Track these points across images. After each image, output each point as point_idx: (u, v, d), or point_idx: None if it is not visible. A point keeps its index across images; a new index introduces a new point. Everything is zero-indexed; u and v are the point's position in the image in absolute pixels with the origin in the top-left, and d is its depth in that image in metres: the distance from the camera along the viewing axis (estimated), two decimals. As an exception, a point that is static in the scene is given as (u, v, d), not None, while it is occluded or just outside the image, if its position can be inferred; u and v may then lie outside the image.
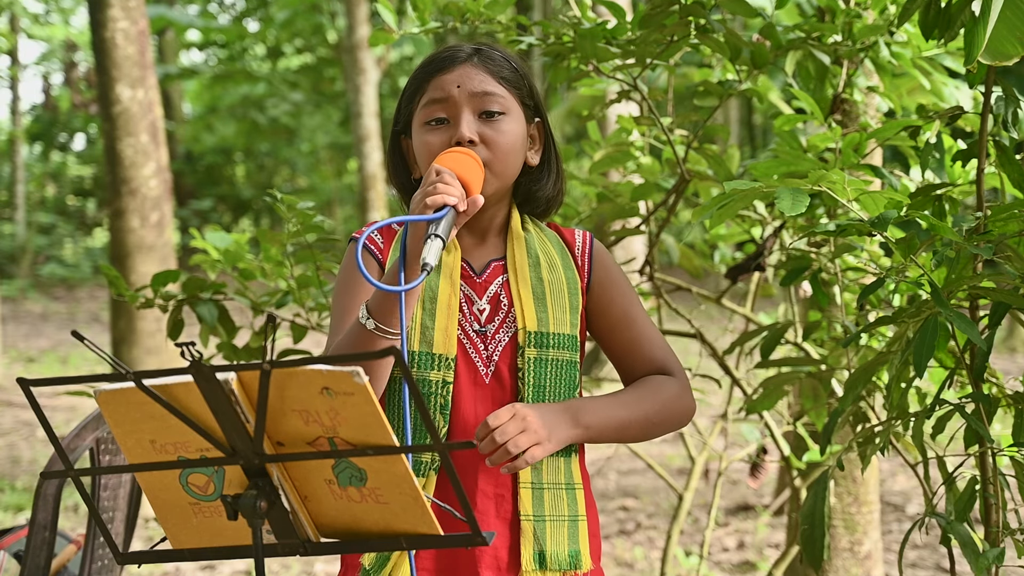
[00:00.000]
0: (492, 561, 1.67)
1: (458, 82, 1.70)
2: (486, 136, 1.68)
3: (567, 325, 1.72)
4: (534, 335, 1.70)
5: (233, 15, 22.66)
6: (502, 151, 1.69)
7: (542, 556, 1.67)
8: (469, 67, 1.72)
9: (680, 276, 11.70)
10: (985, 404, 1.97)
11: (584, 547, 1.71)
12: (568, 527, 1.70)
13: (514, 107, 1.72)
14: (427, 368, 1.68)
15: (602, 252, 1.82)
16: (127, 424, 1.31)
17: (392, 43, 3.02)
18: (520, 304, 1.71)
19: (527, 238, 1.76)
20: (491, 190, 1.69)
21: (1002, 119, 2.01)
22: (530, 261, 1.74)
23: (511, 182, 1.75)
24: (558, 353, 1.71)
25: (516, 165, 1.73)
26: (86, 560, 2.34)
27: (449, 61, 1.72)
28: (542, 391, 1.70)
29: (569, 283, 1.75)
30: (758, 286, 3.39)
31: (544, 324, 1.71)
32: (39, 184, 22.91)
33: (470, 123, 1.68)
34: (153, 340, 6.18)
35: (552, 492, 1.70)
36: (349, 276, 1.73)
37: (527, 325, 1.70)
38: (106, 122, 6.21)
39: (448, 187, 1.55)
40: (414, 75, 1.76)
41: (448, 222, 1.54)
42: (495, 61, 1.74)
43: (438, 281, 1.71)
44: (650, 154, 3.02)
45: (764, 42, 2.49)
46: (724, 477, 4.77)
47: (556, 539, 1.68)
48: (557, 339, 1.71)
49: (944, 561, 4.58)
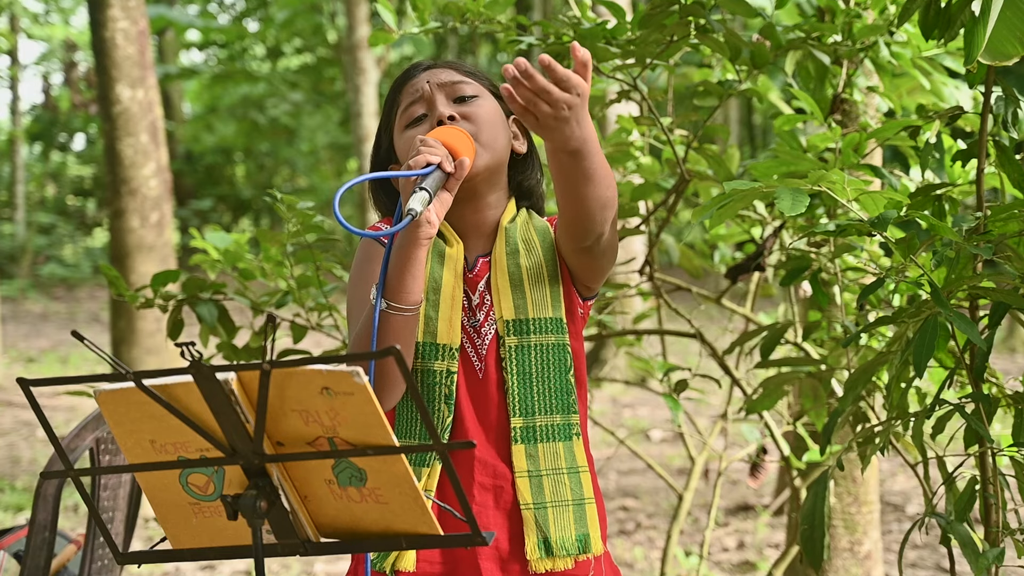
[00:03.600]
0: (493, 552, 1.68)
1: (427, 79, 1.77)
2: (464, 112, 1.73)
3: (549, 308, 1.73)
4: (512, 323, 1.71)
5: (233, 15, 22.66)
6: (484, 121, 1.72)
7: (547, 543, 1.67)
8: (434, 69, 1.80)
9: (680, 276, 11.70)
10: (985, 404, 1.97)
11: (594, 530, 1.71)
12: (574, 511, 1.70)
13: (485, 93, 1.78)
14: (431, 358, 1.69)
15: None
16: (127, 424, 1.31)
17: (392, 43, 3.02)
18: (498, 295, 1.73)
19: (509, 229, 1.76)
20: (482, 163, 1.70)
21: (1002, 119, 2.01)
22: (508, 250, 1.74)
23: (501, 159, 1.76)
24: (541, 338, 1.72)
25: (502, 140, 1.75)
26: (86, 560, 2.34)
27: (414, 69, 1.82)
28: (527, 378, 1.70)
29: (548, 263, 1.75)
30: (758, 286, 3.39)
31: (522, 311, 1.71)
32: (39, 184, 22.91)
33: (446, 104, 1.73)
34: (153, 340, 6.18)
35: (552, 478, 1.69)
36: (362, 268, 1.74)
37: (504, 315, 1.71)
38: (106, 122, 6.21)
39: (431, 148, 1.58)
40: (387, 99, 1.83)
41: (434, 180, 1.56)
42: (456, 63, 1.82)
43: (442, 272, 1.72)
44: (650, 154, 3.02)
45: (764, 42, 2.49)
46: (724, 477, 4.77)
47: (561, 524, 1.68)
48: (538, 324, 1.72)
49: (944, 561, 4.58)
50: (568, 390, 1.73)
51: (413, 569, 1.67)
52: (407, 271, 1.59)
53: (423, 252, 1.59)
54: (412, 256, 1.59)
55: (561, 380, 1.72)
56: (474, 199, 1.75)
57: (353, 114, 12.88)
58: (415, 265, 1.59)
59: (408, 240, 1.59)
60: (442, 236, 1.76)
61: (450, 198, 1.61)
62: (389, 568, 1.67)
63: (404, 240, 1.59)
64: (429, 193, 1.54)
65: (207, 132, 21.53)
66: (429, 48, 18.43)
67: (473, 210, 1.76)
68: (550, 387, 1.72)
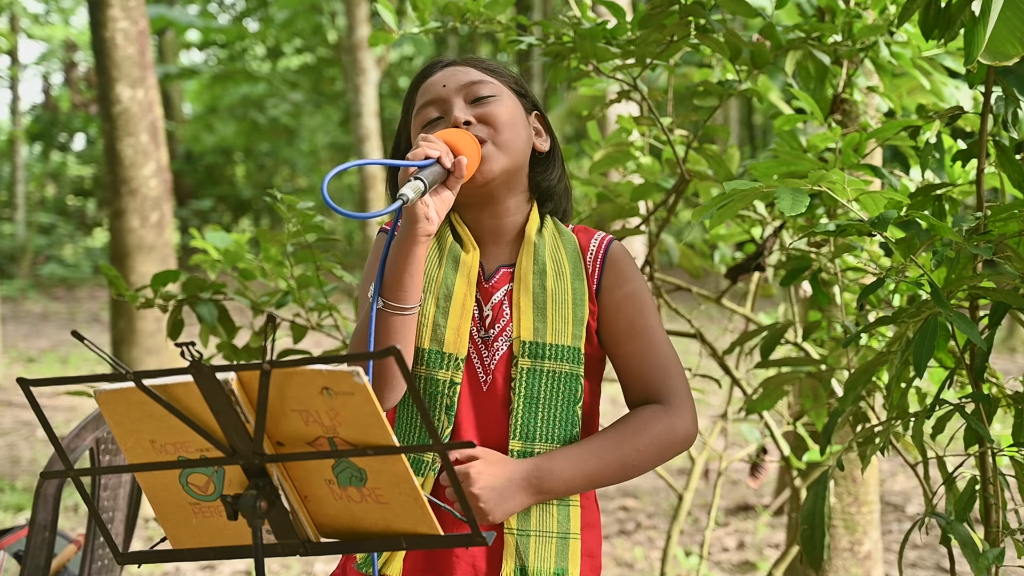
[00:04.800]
0: (469, 569, 1.65)
1: (444, 81, 1.72)
2: (481, 115, 1.69)
3: (568, 336, 1.68)
4: (529, 345, 1.67)
5: (233, 15, 22.67)
6: (501, 122, 1.68)
7: (523, 571, 1.63)
8: (452, 67, 1.75)
9: (680, 276, 11.71)
10: (985, 404, 1.96)
11: (573, 566, 1.66)
12: (557, 544, 1.65)
13: (505, 92, 1.73)
14: (436, 367, 1.66)
15: (618, 257, 1.74)
16: (127, 424, 1.31)
17: (392, 43, 3.02)
18: (518, 313, 1.68)
19: (538, 243, 1.71)
20: (499, 166, 1.67)
21: (1002, 119, 2.01)
22: (536, 268, 1.70)
23: (520, 160, 1.71)
24: (556, 365, 1.67)
25: (521, 141, 1.71)
26: (86, 560, 2.34)
27: (431, 68, 1.77)
28: (534, 403, 1.66)
29: (575, 293, 1.70)
30: (758, 286, 3.39)
31: (541, 335, 1.67)
32: (39, 184, 22.91)
33: (462, 108, 1.69)
34: (153, 340, 6.18)
35: (540, 508, 1.65)
36: (373, 264, 1.71)
37: (522, 335, 1.67)
38: (106, 122, 6.21)
39: (431, 143, 1.57)
40: (405, 97, 1.79)
41: (431, 173, 1.54)
42: (476, 60, 1.78)
43: (455, 279, 1.69)
44: (650, 154, 3.02)
45: (764, 42, 2.48)
46: (724, 477, 4.77)
47: (541, 555, 1.64)
48: (555, 350, 1.67)
49: (944, 561, 4.58)
50: (573, 422, 1.68)
51: (399, 575, 1.65)
52: (405, 269, 1.56)
53: (422, 250, 1.56)
54: (410, 254, 1.56)
55: (568, 411, 1.68)
56: (492, 203, 1.71)
57: (353, 114, 12.88)
58: (413, 263, 1.56)
59: (406, 236, 1.56)
60: (459, 240, 1.72)
61: (452, 197, 1.58)
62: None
63: (402, 236, 1.57)
64: (424, 183, 1.52)
65: (207, 132, 21.53)
66: (429, 48, 18.44)
67: (491, 215, 1.72)
68: (555, 416, 1.67)
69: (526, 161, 1.74)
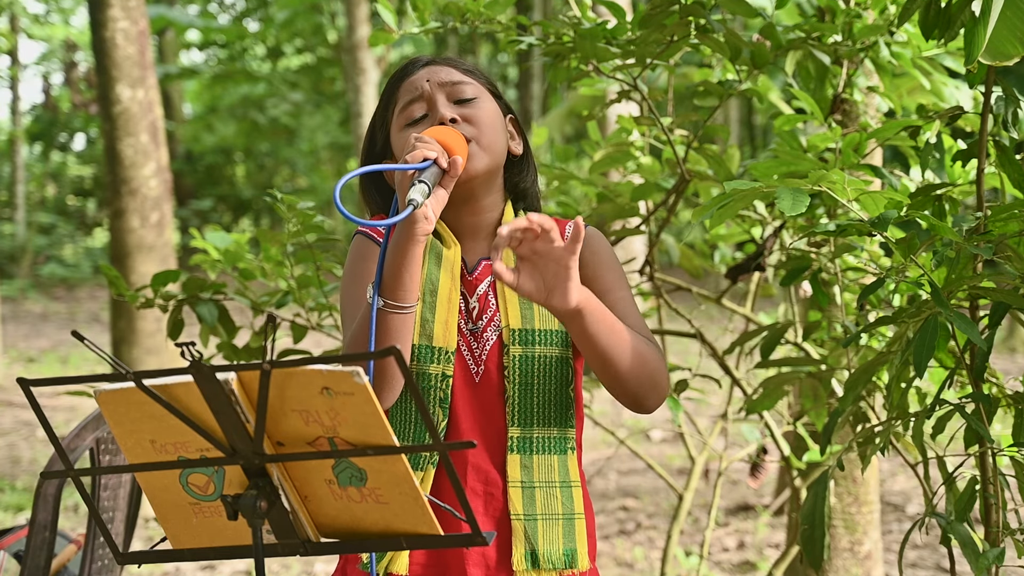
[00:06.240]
0: (480, 559, 1.67)
1: (427, 77, 1.75)
2: (465, 115, 1.71)
3: (556, 320, 1.71)
4: (518, 332, 1.70)
5: (233, 15, 22.68)
6: (484, 124, 1.72)
7: (534, 555, 1.66)
8: (433, 66, 1.78)
9: (680, 276, 11.70)
10: (985, 404, 1.96)
11: (582, 545, 1.70)
12: (563, 525, 1.69)
13: (484, 93, 1.77)
14: (427, 361, 1.68)
15: (592, 236, 1.78)
16: (127, 424, 1.31)
17: (392, 43, 3.02)
18: (504, 303, 1.72)
19: None
20: (482, 166, 1.70)
21: (1002, 119, 2.01)
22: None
23: (500, 161, 1.75)
24: (545, 350, 1.71)
25: (501, 142, 1.74)
26: (86, 560, 2.34)
27: (411, 66, 1.79)
28: (528, 389, 1.70)
29: None
30: (758, 286, 3.39)
31: (529, 321, 1.71)
32: (39, 184, 22.92)
33: (447, 106, 1.72)
34: (153, 340, 6.18)
35: (544, 491, 1.69)
36: (355, 267, 1.73)
37: (511, 323, 1.70)
38: (106, 122, 6.21)
39: (427, 144, 1.58)
40: (383, 95, 1.81)
41: (431, 175, 1.55)
42: (455, 60, 1.80)
43: (439, 274, 1.71)
44: (650, 154, 3.02)
45: (764, 42, 2.49)
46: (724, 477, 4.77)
47: (550, 538, 1.68)
48: (544, 335, 1.71)
49: (944, 561, 4.58)
50: (567, 404, 1.73)
51: (406, 572, 1.66)
52: (404, 268, 1.58)
53: (420, 249, 1.58)
54: (409, 253, 1.57)
55: (562, 393, 1.72)
56: (471, 201, 1.74)
57: (353, 114, 12.88)
58: (412, 262, 1.58)
59: (405, 236, 1.57)
60: (439, 237, 1.75)
61: (446, 196, 1.60)
62: (382, 571, 1.67)
63: (401, 236, 1.57)
64: (428, 186, 1.53)
65: (207, 132, 21.54)
66: (429, 48, 18.45)
67: (470, 212, 1.75)
68: (550, 399, 1.71)
69: (503, 161, 1.77)
